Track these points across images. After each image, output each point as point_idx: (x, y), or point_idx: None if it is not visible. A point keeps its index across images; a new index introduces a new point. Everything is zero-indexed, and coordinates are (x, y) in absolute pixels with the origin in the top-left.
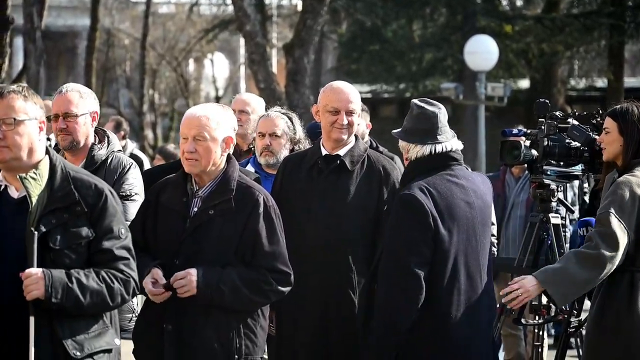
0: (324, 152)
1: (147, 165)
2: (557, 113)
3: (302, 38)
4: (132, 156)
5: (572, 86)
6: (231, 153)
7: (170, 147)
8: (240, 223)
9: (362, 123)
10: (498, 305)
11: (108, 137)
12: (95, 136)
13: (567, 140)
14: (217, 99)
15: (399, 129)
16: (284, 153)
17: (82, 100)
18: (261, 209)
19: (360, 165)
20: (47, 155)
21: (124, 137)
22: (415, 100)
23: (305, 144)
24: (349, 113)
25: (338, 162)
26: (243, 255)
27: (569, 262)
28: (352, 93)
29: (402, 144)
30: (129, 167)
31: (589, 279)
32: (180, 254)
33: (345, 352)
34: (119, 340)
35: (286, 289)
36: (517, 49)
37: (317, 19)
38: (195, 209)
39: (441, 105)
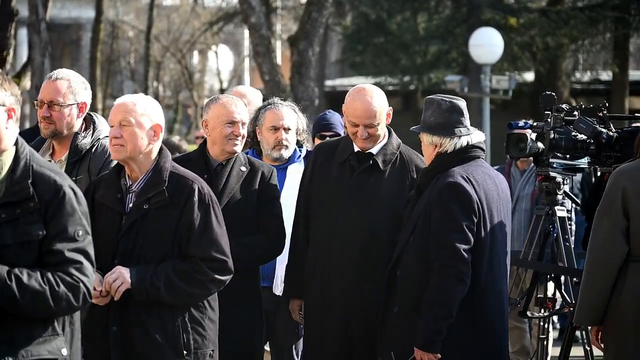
0: (356, 148)
1: None
2: (564, 106)
3: (307, 30)
4: None
5: (576, 79)
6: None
7: (175, 139)
8: (175, 215)
9: None
10: None
11: (94, 124)
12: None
13: (574, 133)
14: (222, 91)
15: (419, 126)
16: (294, 145)
17: (71, 90)
18: (196, 198)
19: (392, 165)
20: (14, 147)
21: None
22: (436, 96)
23: (304, 136)
24: (368, 126)
25: (370, 161)
26: (180, 247)
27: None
28: (374, 104)
29: (433, 139)
30: None
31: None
32: (118, 252)
33: (369, 348)
34: (67, 350)
35: (225, 277)
36: (521, 42)
37: (322, 11)
38: (130, 205)
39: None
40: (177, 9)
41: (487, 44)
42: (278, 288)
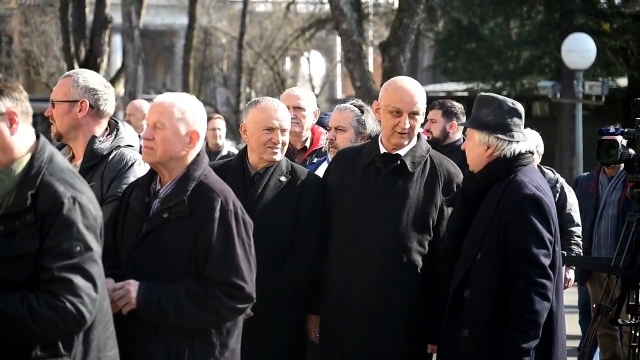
0: (382, 149)
1: None
2: None
3: (399, 36)
4: (230, 154)
5: None
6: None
7: None
8: (194, 229)
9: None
10: (594, 306)
11: (117, 130)
12: (107, 127)
13: None
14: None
15: (469, 122)
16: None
17: (73, 85)
18: (217, 214)
19: (421, 168)
20: (31, 153)
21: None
22: (495, 95)
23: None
24: (412, 115)
25: (398, 162)
26: (197, 265)
27: None
28: (418, 92)
29: (489, 139)
30: (131, 165)
31: None
32: (131, 261)
33: None
34: None
35: (242, 305)
36: (615, 47)
37: (414, 17)
38: (154, 210)
39: None
40: (270, 16)
41: (580, 49)
42: None
